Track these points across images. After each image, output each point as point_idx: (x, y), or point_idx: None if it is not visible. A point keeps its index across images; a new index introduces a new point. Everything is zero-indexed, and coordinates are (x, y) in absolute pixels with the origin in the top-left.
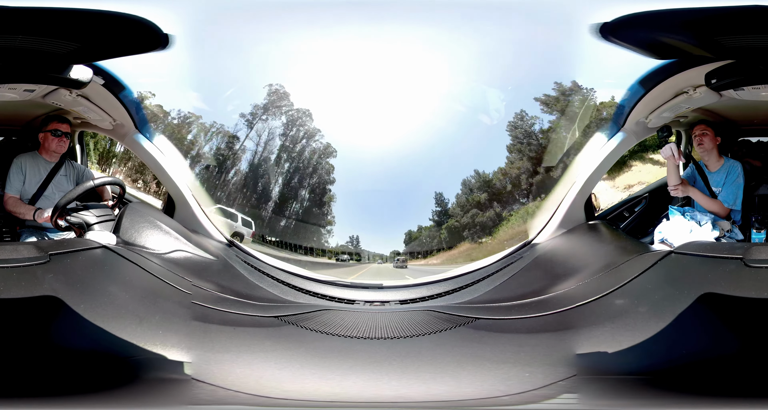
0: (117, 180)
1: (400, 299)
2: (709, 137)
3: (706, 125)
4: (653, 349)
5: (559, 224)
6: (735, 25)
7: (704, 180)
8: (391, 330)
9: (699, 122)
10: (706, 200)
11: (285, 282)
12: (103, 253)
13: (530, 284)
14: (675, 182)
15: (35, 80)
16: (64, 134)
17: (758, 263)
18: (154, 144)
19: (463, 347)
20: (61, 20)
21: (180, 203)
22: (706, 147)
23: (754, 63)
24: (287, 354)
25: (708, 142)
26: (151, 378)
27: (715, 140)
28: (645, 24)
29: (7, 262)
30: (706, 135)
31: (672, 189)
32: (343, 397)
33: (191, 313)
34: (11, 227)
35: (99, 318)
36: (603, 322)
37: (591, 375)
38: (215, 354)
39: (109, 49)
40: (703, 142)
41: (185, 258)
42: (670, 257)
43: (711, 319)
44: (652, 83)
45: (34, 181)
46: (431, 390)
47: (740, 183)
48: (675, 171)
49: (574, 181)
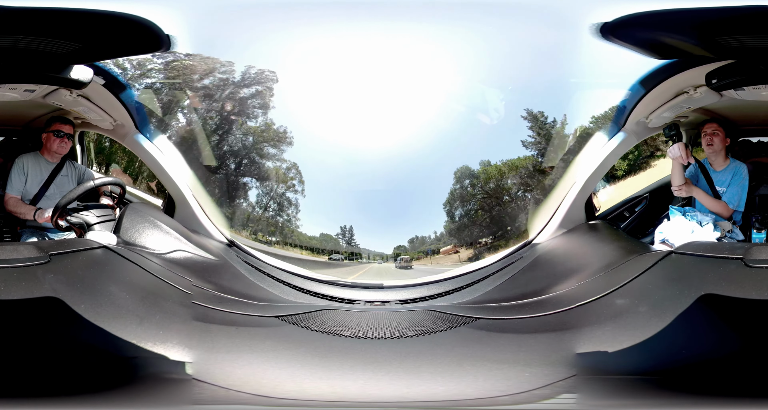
0: (117, 180)
1: (401, 299)
2: (720, 138)
3: (719, 125)
4: (653, 349)
5: (560, 224)
6: (735, 25)
7: (708, 179)
8: (391, 330)
9: (711, 121)
10: (710, 201)
11: (285, 282)
12: (104, 253)
13: (530, 284)
14: (679, 182)
15: (36, 80)
16: (66, 135)
17: (758, 264)
18: (155, 144)
19: (464, 347)
20: (61, 20)
21: (180, 202)
22: (716, 148)
23: (754, 63)
24: (288, 354)
25: (718, 142)
26: (151, 377)
27: (725, 141)
28: (645, 24)
29: (8, 262)
30: (718, 135)
31: (676, 189)
32: (344, 397)
33: (192, 313)
34: (12, 227)
35: (99, 318)
36: (603, 322)
37: (591, 375)
38: (216, 354)
39: (109, 49)
40: (713, 142)
41: (186, 258)
42: (670, 257)
43: (711, 319)
44: (652, 83)
45: (35, 181)
46: (431, 390)
47: (745, 185)
48: (680, 171)
49: (575, 181)
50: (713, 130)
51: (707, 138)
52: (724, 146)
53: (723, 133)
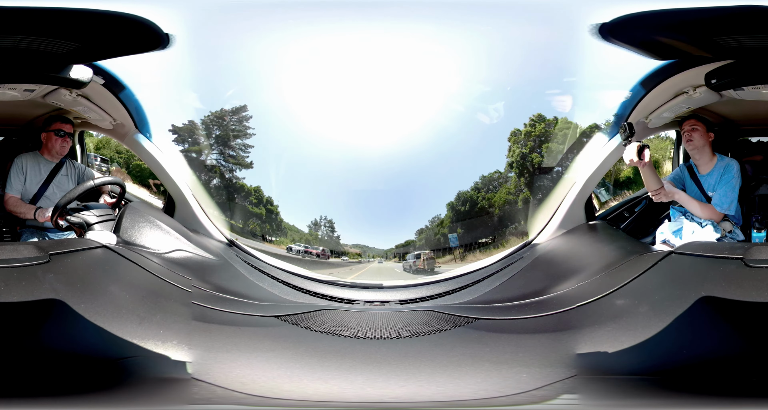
0: (117, 180)
1: (400, 300)
2: (699, 133)
3: (697, 120)
4: (653, 349)
5: (560, 224)
6: (734, 25)
7: (696, 183)
8: (390, 330)
9: (688, 117)
10: (696, 205)
11: (285, 282)
12: (104, 253)
13: (530, 284)
14: (654, 186)
15: (35, 80)
16: (67, 135)
17: (758, 263)
18: (154, 144)
19: (463, 347)
20: (61, 20)
21: (180, 202)
22: (696, 144)
23: (753, 63)
24: (287, 354)
25: (698, 138)
26: (151, 377)
27: (707, 136)
28: (645, 24)
29: (8, 262)
30: (696, 130)
31: (653, 194)
32: (343, 397)
33: (192, 312)
34: (12, 227)
35: (99, 318)
36: (603, 322)
37: (591, 376)
38: (216, 354)
39: (109, 49)
40: (692, 138)
41: (185, 258)
42: (670, 257)
43: (711, 319)
44: (652, 84)
45: (35, 181)
46: (431, 390)
47: (735, 184)
48: (651, 174)
49: (575, 181)
50: (691, 125)
51: (686, 135)
52: (706, 141)
53: (703, 127)
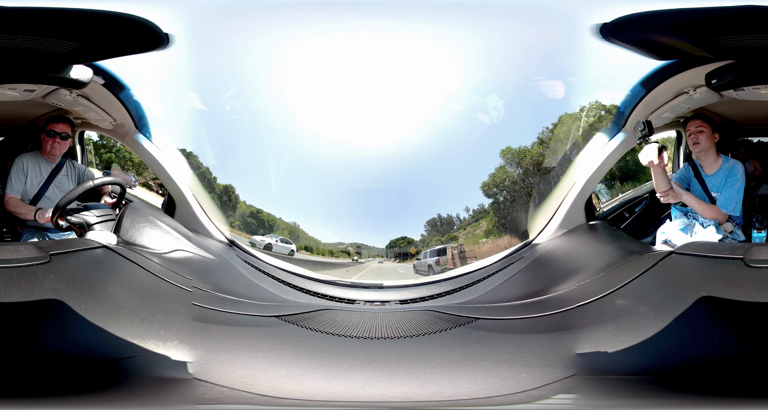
0: (117, 180)
1: (400, 299)
2: (705, 135)
3: (703, 121)
4: (653, 349)
5: (560, 224)
6: (735, 25)
7: (701, 183)
8: (391, 330)
9: (694, 117)
10: (702, 206)
11: (285, 282)
12: (104, 253)
13: (530, 284)
14: (663, 187)
15: (35, 80)
16: (59, 135)
17: (759, 264)
18: (154, 144)
19: (463, 347)
20: (61, 20)
21: (180, 202)
22: (703, 146)
23: (754, 63)
24: (288, 354)
25: (705, 140)
26: (152, 377)
27: (712, 137)
28: (645, 24)
29: (8, 262)
30: (703, 132)
31: (661, 196)
32: (343, 397)
33: (192, 313)
34: (12, 227)
35: (100, 318)
36: (603, 322)
37: (591, 375)
38: (216, 354)
39: (109, 49)
40: (699, 140)
41: (186, 258)
42: (670, 257)
43: (712, 320)
44: (652, 84)
45: (35, 181)
46: (431, 390)
47: (740, 187)
48: (662, 175)
49: (575, 181)
50: (697, 126)
51: (692, 137)
52: (712, 143)
53: (709, 128)
